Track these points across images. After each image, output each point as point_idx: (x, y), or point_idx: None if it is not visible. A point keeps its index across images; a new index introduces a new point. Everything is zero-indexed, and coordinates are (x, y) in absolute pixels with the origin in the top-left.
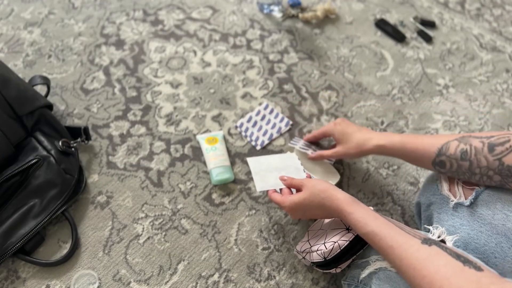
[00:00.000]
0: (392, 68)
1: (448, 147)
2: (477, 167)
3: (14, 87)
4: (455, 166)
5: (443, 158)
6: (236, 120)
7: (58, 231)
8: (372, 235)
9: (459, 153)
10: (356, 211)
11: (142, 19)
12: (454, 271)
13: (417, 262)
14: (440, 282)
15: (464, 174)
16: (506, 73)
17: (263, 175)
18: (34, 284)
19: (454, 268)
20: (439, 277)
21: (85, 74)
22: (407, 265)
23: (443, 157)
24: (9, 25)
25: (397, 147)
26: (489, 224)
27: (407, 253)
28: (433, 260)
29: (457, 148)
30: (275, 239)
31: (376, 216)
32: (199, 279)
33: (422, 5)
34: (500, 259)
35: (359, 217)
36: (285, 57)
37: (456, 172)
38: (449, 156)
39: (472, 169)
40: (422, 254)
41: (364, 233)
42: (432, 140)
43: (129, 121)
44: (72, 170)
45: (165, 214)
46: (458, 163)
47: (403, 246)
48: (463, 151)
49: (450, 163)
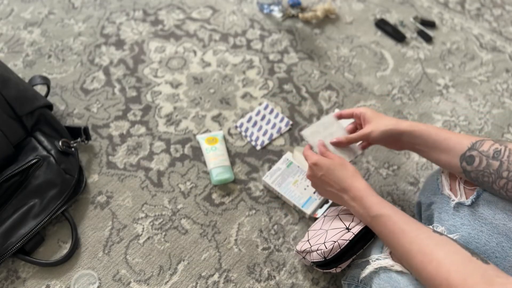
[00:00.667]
0: (392, 68)
1: (482, 144)
2: (506, 170)
3: (14, 87)
4: (484, 164)
5: (474, 153)
6: (236, 120)
7: (58, 231)
8: (386, 217)
9: (492, 151)
10: (375, 195)
11: (142, 19)
12: (463, 260)
13: (427, 247)
14: (447, 267)
15: (490, 175)
16: (506, 73)
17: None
18: (34, 284)
19: (463, 256)
20: (447, 262)
21: (85, 74)
22: (417, 249)
23: (474, 152)
24: (9, 25)
25: (431, 131)
26: (490, 224)
27: (418, 238)
28: (443, 247)
29: (492, 146)
30: (275, 239)
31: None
32: (199, 279)
33: (422, 5)
34: (501, 258)
35: (376, 200)
36: (285, 57)
37: (482, 172)
38: (481, 152)
39: (500, 171)
40: (433, 240)
41: (379, 215)
42: (466, 135)
43: (129, 121)
44: (72, 170)
45: (165, 214)
46: (488, 162)
47: (415, 232)
48: (496, 150)
49: (480, 159)
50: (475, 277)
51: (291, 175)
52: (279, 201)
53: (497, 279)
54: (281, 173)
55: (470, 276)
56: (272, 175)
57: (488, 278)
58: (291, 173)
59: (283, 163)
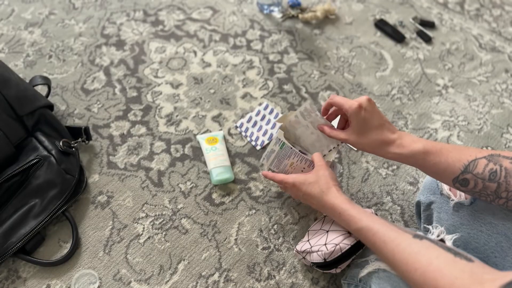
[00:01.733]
0: (391, 68)
1: (476, 165)
2: (504, 190)
3: (15, 87)
4: (480, 186)
5: (468, 176)
6: (236, 120)
7: (58, 231)
8: (366, 230)
9: (488, 173)
10: (351, 208)
11: (142, 20)
12: (447, 262)
13: (409, 256)
14: (433, 273)
15: (487, 196)
16: (505, 73)
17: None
18: (34, 283)
19: (446, 259)
20: (432, 268)
21: (86, 74)
22: (399, 260)
23: (468, 175)
24: (10, 26)
25: (417, 157)
26: (489, 224)
27: (399, 247)
28: (425, 253)
29: (486, 167)
30: (275, 239)
31: (370, 214)
32: (199, 278)
33: (421, 6)
34: (500, 258)
35: (353, 213)
36: (285, 57)
37: (479, 192)
38: (475, 175)
39: (499, 192)
40: (413, 248)
41: (358, 228)
42: (458, 155)
43: (130, 121)
44: (72, 170)
45: (166, 214)
46: (484, 184)
47: (395, 241)
48: (492, 171)
49: (475, 182)
50: (463, 278)
51: (286, 157)
52: (279, 201)
53: (485, 276)
54: (276, 156)
55: (458, 278)
56: (268, 158)
57: (476, 277)
58: (285, 155)
59: (276, 144)
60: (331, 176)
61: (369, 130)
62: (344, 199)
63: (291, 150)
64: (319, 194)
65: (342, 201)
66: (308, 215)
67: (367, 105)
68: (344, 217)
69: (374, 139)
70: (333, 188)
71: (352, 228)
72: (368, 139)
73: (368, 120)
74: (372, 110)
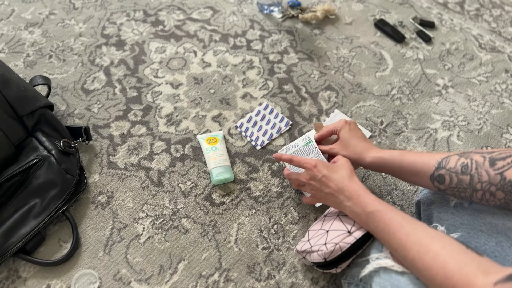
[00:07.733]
0: (391, 68)
1: (448, 161)
2: (478, 182)
3: (15, 87)
4: (455, 181)
5: (442, 171)
6: (236, 120)
7: (58, 231)
8: (383, 212)
9: (460, 166)
10: (370, 194)
11: (142, 20)
12: (459, 250)
13: (424, 239)
14: (444, 257)
15: (465, 190)
16: (505, 73)
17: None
18: (34, 283)
19: (459, 248)
20: (444, 252)
21: (86, 74)
22: (413, 240)
23: (442, 170)
24: (10, 26)
25: (395, 158)
26: (489, 223)
27: (415, 230)
28: (439, 239)
29: (458, 161)
30: (275, 239)
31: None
32: (199, 278)
33: (421, 6)
34: (500, 258)
35: (373, 197)
36: (285, 57)
37: (457, 188)
38: (449, 170)
39: (473, 184)
40: (429, 233)
41: (375, 211)
42: (432, 154)
43: (130, 121)
44: (72, 170)
45: (166, 213)
46: (458, 177)
47: (412, 225)
48: (463, 164)
49: (450, 177)
50: (471, 266)
51: (305, 154)
52: (279, 201)
53: (492, 268)
54: (297, 150)
55: (466, 265)
56: (288, 150)
57: (483, 268)
58: (306, 152)
59: (302, 140)
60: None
61: (353, 139)
62: (365, 186)
63: (315, 149)
64: (342, 177)
65: (363, 186)
66: (308, 215)
67: (350, 122)
68: (363, 198)
69: (357, 145)
70: (356, 176)
71: (368, 209)
72: (352, 147)
73: (353, 131)
74: (355, 127)
